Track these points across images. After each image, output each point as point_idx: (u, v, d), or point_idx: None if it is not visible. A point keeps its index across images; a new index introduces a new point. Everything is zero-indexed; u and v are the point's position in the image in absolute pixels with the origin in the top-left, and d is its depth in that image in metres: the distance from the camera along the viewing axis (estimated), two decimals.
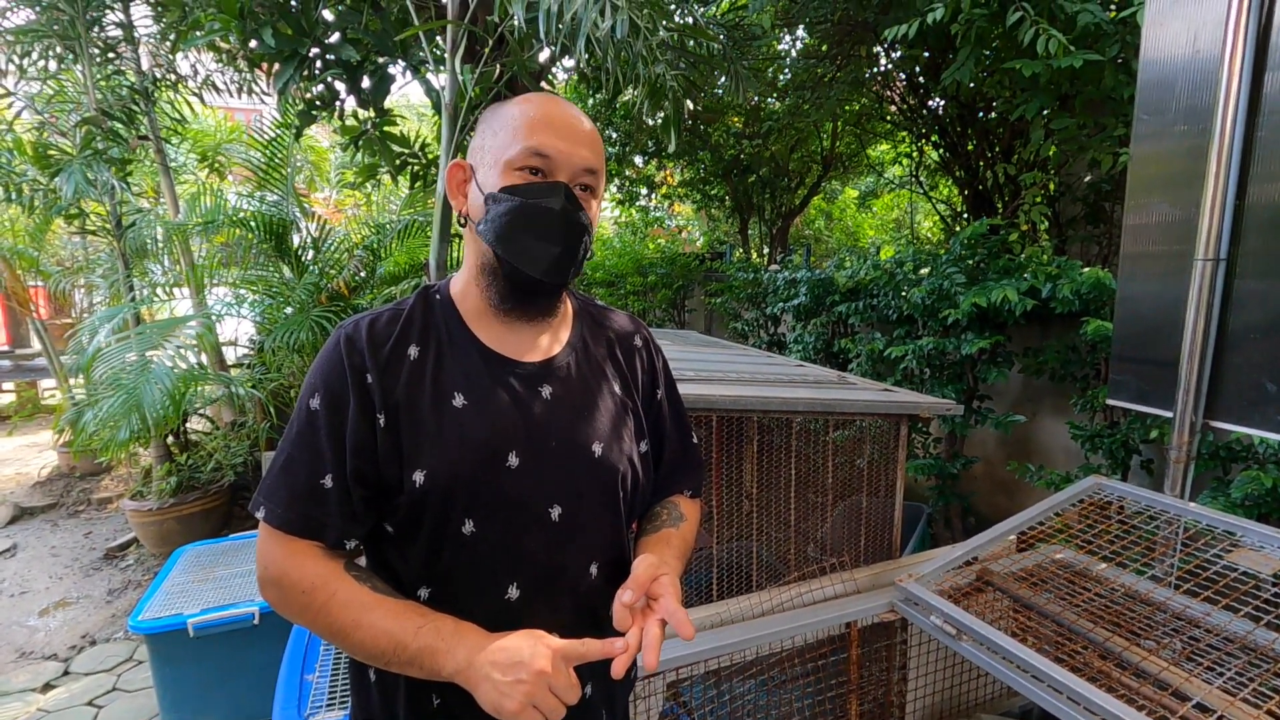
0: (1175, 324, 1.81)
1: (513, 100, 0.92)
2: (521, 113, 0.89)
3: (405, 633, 0.79)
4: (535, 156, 0.87)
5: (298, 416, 0.87)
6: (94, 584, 3.97)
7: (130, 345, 3.75)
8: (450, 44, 2.50)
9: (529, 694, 0.74)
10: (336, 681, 1.78)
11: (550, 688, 0.75)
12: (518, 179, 0.87)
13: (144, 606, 2.37)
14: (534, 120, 0.88)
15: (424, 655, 0.79)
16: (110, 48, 4.12)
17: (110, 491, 5.39)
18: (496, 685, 0.75)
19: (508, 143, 0.88)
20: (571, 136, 0.89)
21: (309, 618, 0.83)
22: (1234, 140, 1.64)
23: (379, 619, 0.80)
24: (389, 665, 0.81)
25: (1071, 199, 4.41)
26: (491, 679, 0.75)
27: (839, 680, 1.79)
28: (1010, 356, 3.35)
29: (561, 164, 0.88)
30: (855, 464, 2.30)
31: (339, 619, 0.81)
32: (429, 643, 0.79)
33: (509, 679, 0.74)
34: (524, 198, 0.86)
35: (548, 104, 0.90)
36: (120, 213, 4.25)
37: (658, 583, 0.84)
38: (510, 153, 0.87)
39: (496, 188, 0.88)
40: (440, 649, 0.78)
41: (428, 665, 0.79)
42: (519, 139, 0.87)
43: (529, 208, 0.86)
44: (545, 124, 0.88)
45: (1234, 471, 2.47)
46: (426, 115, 10.26)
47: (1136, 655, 1.37)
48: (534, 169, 0.87)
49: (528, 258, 0.87)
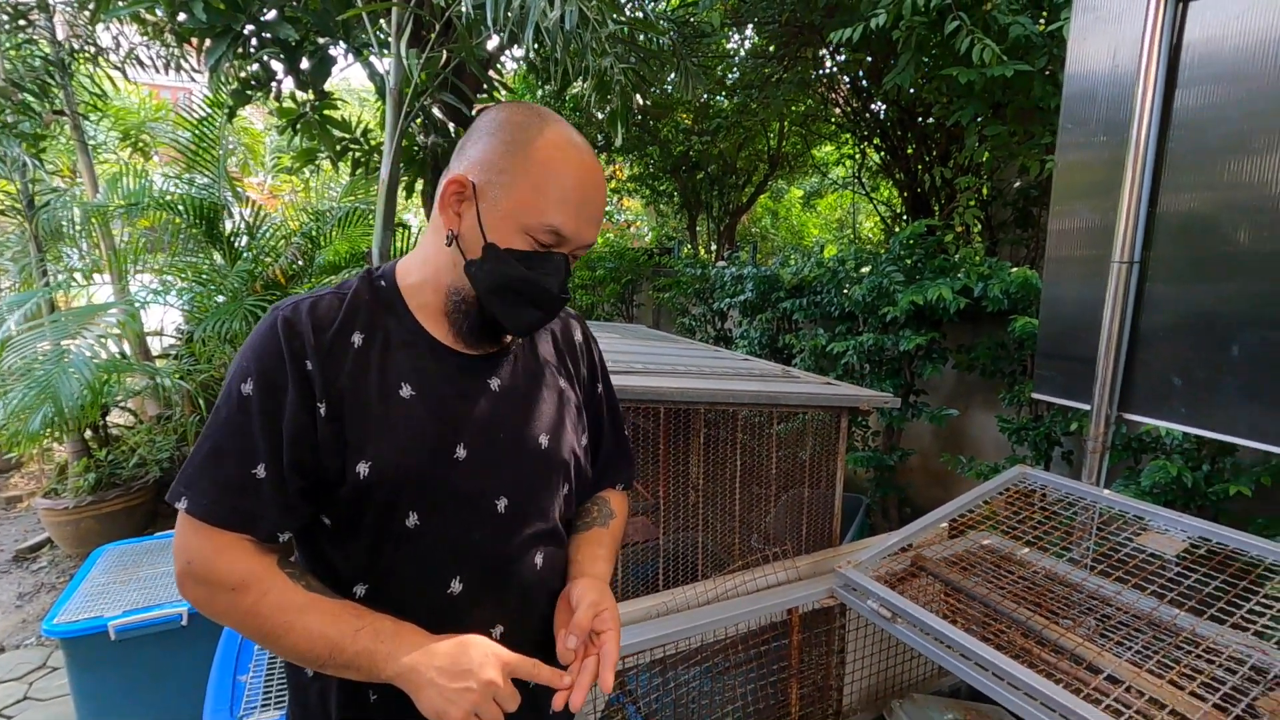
0: (1095, 323, 1.93)
1: (543, 142, 0.85)
2: (552, 177, 0.84)
3: (342, 636, 0.77)
4: (551, 235, 0.85)
5: (226, 401, 0.82)
6: (1, 588, 3.71)
7: (44, 333, 3.51)
8: (395, 27, 2.43)
9: (475, 703, 0.74)
10: (272, 681, 1.73)
11: (494, 697, 0.75)
12: (524, 244, 0.85)
13: (60, 609, 2.24)
14: (565, 198, 0.84)
15: (362, 658, 0.77)
16: (21, 14, 3.84)
17: (20, 490, 5.05)
18: (441, 691, 0.74)
19: (529, 204, 0.83)
20: (591, 217, 0.87)
21: (235, 618, 0.79)
22: (1148, 151, 1.75)
23: (313, 621, 0.78)
24: (324, 668, 0.79)
25: (1003, 203, 4.63)
26: (436, 685, 0.74)
27: (780, 665, 1.84)
28: (945, 353, 3.49)
29: (572, 243, 0.87)
30: (797, 456, 2.37)
31: (270, 621, 0.78)
32: (367, 645, 0.77)
33: (456, 686, 0.74)
34: (528, 268, 0.85)
35: (582, 171, 0.86)
36: (32, 192, 3.98)
37: (599, 619, 0.87)
38: (528, 220, 0.84)
39: (501, 243, 0.85)
40: (379, 652, 0.77)
41: (366, 668, 0.77)
42: (542, 210, 0.84)
43: (531, 283, 0.85)
44: (573, 204, 0.85)
45: (1144, 461, 2.65)
46: (369, 100, 9.94)
47: (1055, 633, 1.46)
48: (544, 243, 0.86)
49: (512, 319, 0.88)
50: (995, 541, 1.90)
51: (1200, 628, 1.41)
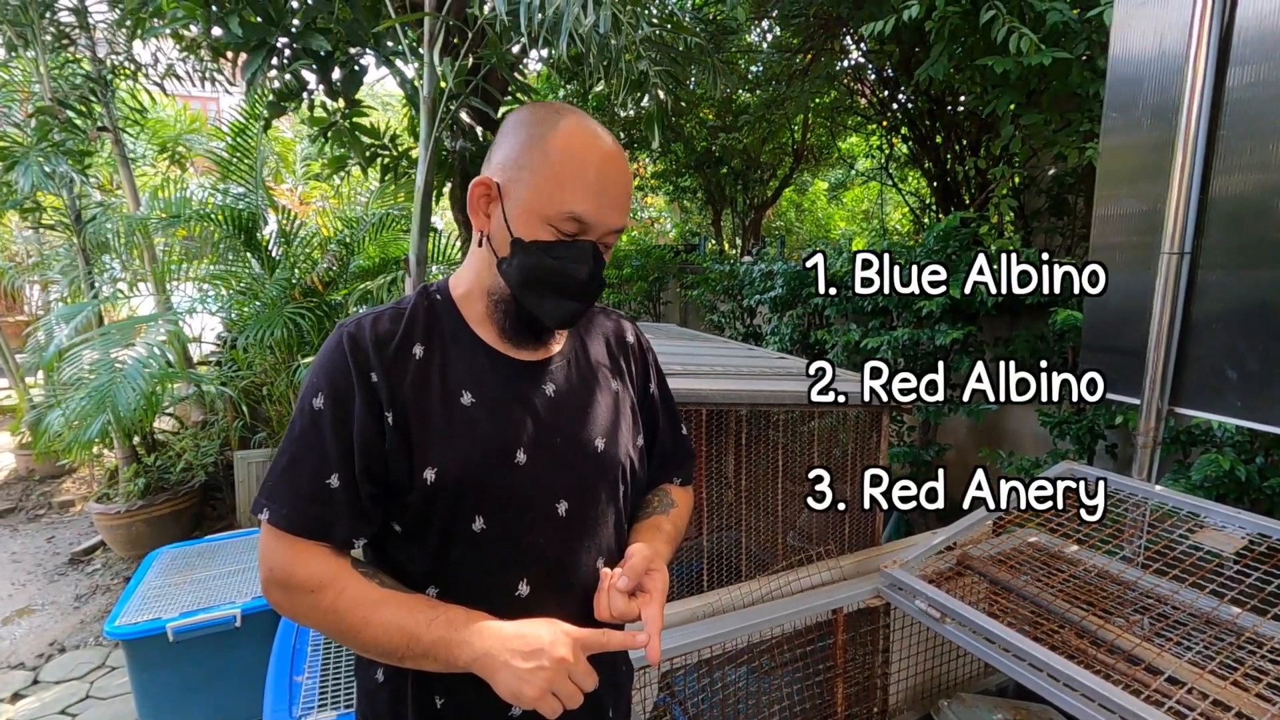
0: (1143, 313, 1.88)
1: (558, 133, 0.86)
2: (568, 165, 0.85)
3: (418, 626, 0.79)
4: (573, 222, 0.85)
5: (300, 416, 0.86)
6: (59, 590, 3.85)
7: (96, 344, 3.63)
8: (427, 36, 2.46)
9: (549, 680, 0.75)
10: (326, 682, 1.77)
11: (569, 675, 0.76)
12: (549, 235, 0.86)
13: (120, 612, 2.32)
14: (584, 180, 0.85)
15: (438, 647, 0.79)
16: (64, 34, 3.96)
17: (72, 494, 5.22)
18: (516, 672, 0.75)
19: (548, 194, 0.85)
20: (614, 203, 0.87)
21: (316, 618, 0.82)
22: (1198, 136, 1.70)
23: (389, 615, 0.80)
24: (402, 660, 0.81)
25: (1036, 192, 4.53)
26: (511, 666, 0.76)
27: (825, 665, 1.84)
28: (981, 346, 3.43)
29: (595, 230, 0.87)
30: (833, 454, 2.35)
31: (348, 618, 0.80)
32: (442, 634, 0.79)
33: (529, 665, 0.75)
34: (554, 259, 0.86)
35: (600, 162, 0.86)
36: (80, 206, 4.11)
37: (649, 577, 0.88)
38: (549, 210, 0.85)
39: (527, 236, 0.86)
40: (455, 639, 0.78)
41: (443, 657, 0.79)
42: (561, 199, 0.84)
43: (558, 272, 0.87)
44: (592, 189, 0.85)
45: (1193, 455, 2.58)
46: (392, 105, 10.06)
47: (1111, 633, 1.43)
48: (568, 231, 0.86)
49: (547, 312, 0.89)
50: (1042, 539, 1.87)
51: (1263, 627, 1.37)
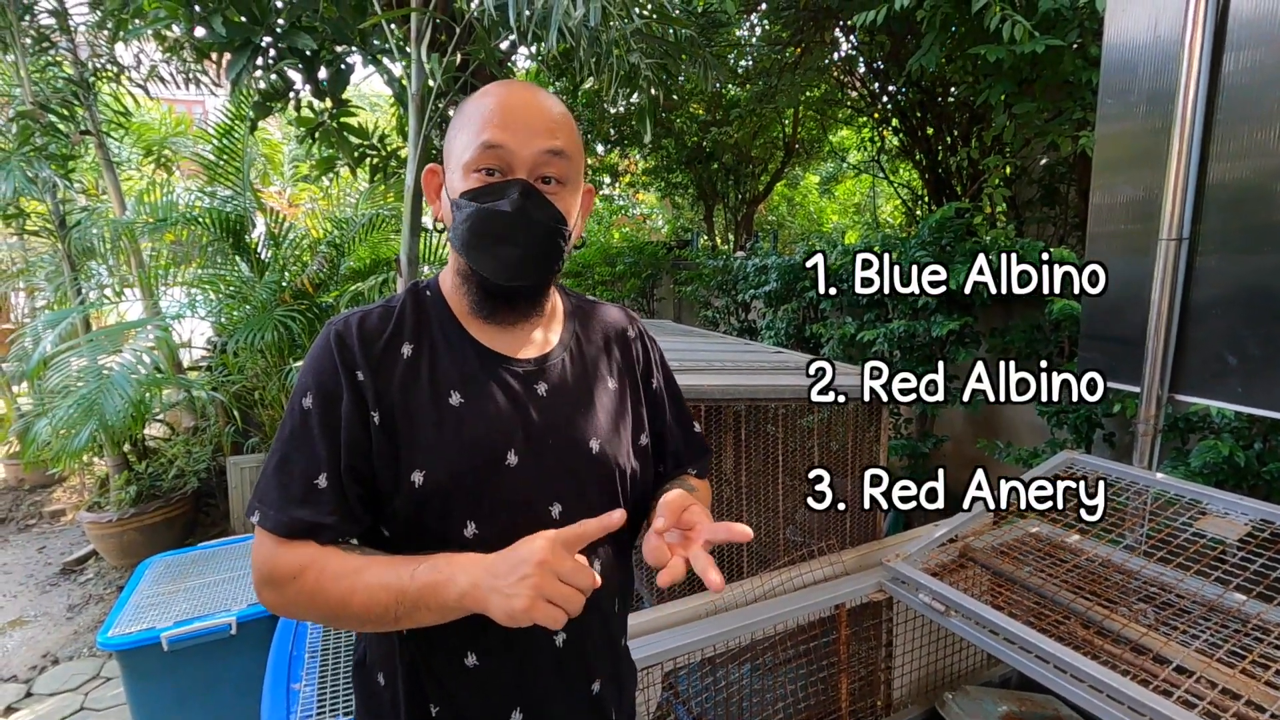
0: (1139, 301, 1.87)
1: (473, 95, 0.88)
2: (476, 108, 0.85)
3: (401, 579, 0.76)
4: (488, 153, 0.83)
5: (290, 416, 0.84)
6: (52, 600, 3.80)
7: (83, 351, 3.58)
8: (415, 33, 2.42)
9: (537, 586, 0.70)
10: (324, 690, 1.74)
11: (558, 575, 0.71)
12: (475, 182, 0.84)
13: (113, 621, 2.28)
14: (487, 115, 0.84)
15: (426, 593, 0.75)
16: (44, 37, 3.90)
17: (63, 504, 5.16)
18: (502, 590, 0.71)
19: (466, 143, 0.85)
20: (527, 126, 0.84)
21: (305, 603, 0.80)
22: (1195, 121, 1.69)
23: (372, 577, 0.77)
24: (399, 620, 0.77)
25: (1027, 182, 4.53)
26: (497, 588, 0.72)
27: (829, 660, 1.83)
28: (977, 337, 3.43)
29: (518, 158, 0.84)
30: (831, 448, 2.33)
31: (334, 591, 0.77)
32: (428, 579, 0.75)
33: (513, 578, 0.71)
34: (478, 202, 0.84)
35: (502, 92, 0.86)
36: (64, 211, 4.05)
37: (689, 511, 0.83)
38: (467, 154, 0.84)
39: (458, 192, 0.85)
40: (440, 580, 0.75)
41: (433, 603, 0.75)
42: (474, 137, 0.84)
43: (484, 213, 0.84)
44: (498, 117, 0.83)
45: (1191, 442, 2.58)
46: (380, 105, 9.99)
47: (1116, 623, 1.42)
48: (489, 169, 0.84)
49: (490, 264, 0.86)
50: (1044, 529, 1.86)
51: (1269, 614, 1.36)
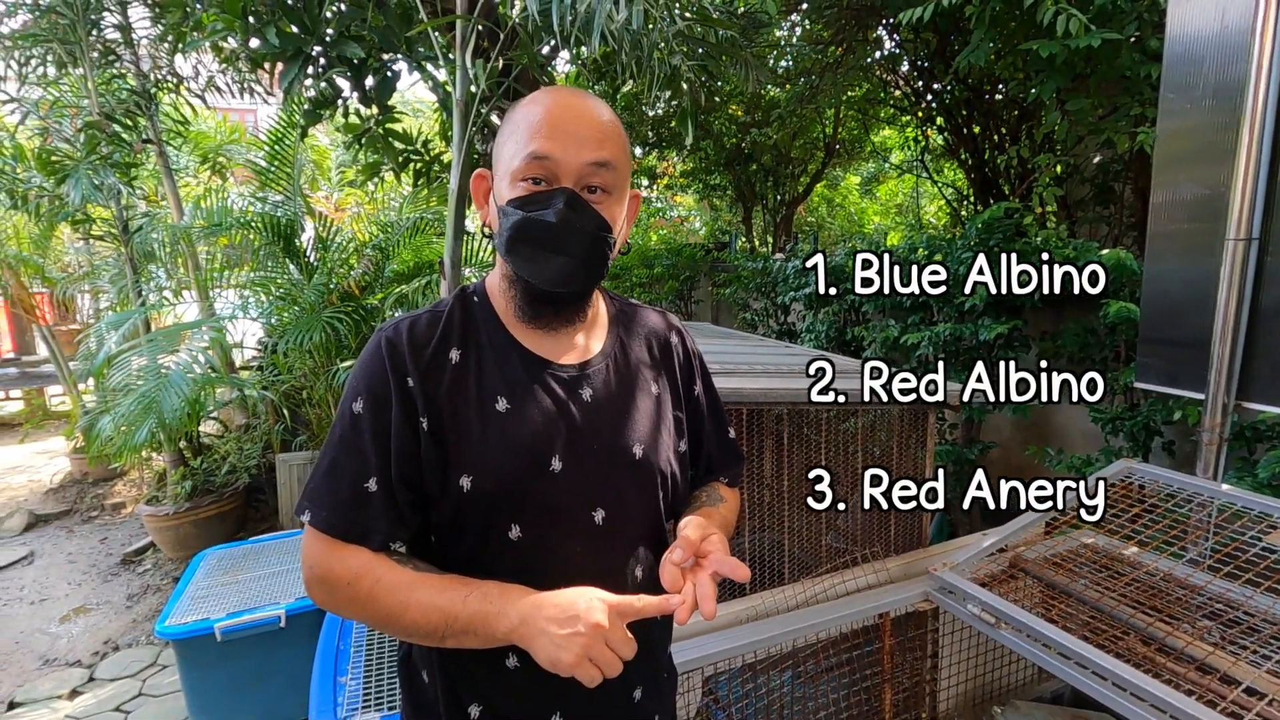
0: (1204, 304, 1.79)
1: (521, 101, 0.89)
2: (525, 116, 0.86)
3: (453, 604, 0.79)
4: (535, 163, 0.84)
5: (340, 420, 0.87)
6: (113, 589, 3.97)
7: (143, 350, 3.74)
8: (459, 39, 2.46)
9: (586, 646, 0.74)
10: (370, 683, 1.78)
11: (606, 641, 0.75)
12: (521, 190, 0.85)
13: (170, 612, 2.37)
14: (535, 124, 0.84)
15: (476, 622, 0.78)
16: (110, 51, 4.08)
17: (123, 497, 5.39)
18: (553, 639, 0.75)
19: (514, 151, 0.85)
20: (574, 136, 0.85)
21: (356, 609, 0.83)
22: (1266, 116, 1.62)
23: (424, 595, 0.80)
24: (444, 640, 0.80)
25: (1079, 180, 4.37)
26: (548, 633, 0.75)
27: (872, 670, 1.79)
28: (1027, 341, 3.33)
29: (565, 168, 0.84)
30: (872, 453, 2.28)
31: (386, 603, 0.81)
32: (479, 609, 0.79)
33: (565, 632, 0.75)
34: (524, 211, 0.85)
35: (550, 101, 0.86)
36: (127, 217, 4.23)
37: (707, 540, 0.86)
38: (515, 163, 0.85)
39: (505, 200, 0.86)
40: (491, 612, 0.78)
41: (482, 631, 0.79)
42: (522, 146, 0.84)
43: (529, 222, 0.84)
44: (546, 126, 0.84)
45: (1259, 451, 2.45)
46: (423, 111, 10.19)
47: (1179, 640, 1.36)
48: (536, 178, 0.85)
49: (535, 271, 0.86)
50: (1100, 540, 1.80)
51: None
